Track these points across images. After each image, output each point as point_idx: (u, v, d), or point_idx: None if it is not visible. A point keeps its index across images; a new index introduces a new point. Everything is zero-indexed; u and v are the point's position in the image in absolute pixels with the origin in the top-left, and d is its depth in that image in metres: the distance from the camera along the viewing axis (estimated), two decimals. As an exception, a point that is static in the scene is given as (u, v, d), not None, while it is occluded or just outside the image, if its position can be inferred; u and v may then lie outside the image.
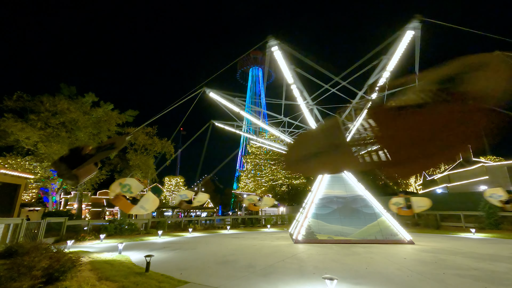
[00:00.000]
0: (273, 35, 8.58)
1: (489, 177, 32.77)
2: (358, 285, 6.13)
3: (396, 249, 11.17)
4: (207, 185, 78.83)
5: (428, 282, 6.36)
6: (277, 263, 8.60)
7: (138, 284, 6.10)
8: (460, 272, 7.22)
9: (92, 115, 24.42)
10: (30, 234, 12.38)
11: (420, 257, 9.54)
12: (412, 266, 8.08)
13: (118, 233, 17.06)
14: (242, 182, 53.10)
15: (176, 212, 40.59)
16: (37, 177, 24.05)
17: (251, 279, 6.71)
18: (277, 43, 8.79)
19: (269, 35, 8.56)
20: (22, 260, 5.73)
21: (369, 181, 43.25)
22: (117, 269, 7.54)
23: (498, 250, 10.68)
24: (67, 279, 6.03)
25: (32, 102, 22.02)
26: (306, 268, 7.84)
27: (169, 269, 7.64)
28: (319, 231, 13.63)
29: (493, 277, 6.77)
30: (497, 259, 8.91)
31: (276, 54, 9.25)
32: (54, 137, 21.96)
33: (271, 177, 47.31)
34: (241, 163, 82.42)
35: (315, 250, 10.98)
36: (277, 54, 9.26)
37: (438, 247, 11.75)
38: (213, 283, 6.32)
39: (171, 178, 52.09)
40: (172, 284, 6.18)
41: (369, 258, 9.25)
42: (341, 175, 16.31)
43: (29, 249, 6.67)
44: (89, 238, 14.85)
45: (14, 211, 15.35)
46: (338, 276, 5.70)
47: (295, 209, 31.07)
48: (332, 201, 14.87)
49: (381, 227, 13.41)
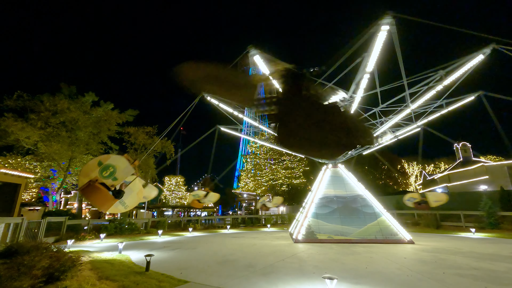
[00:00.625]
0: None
1: (489, 177, 32.77)
2: (358, 285, 6.14)
3: (396, 249, 11.17)
4: (207, 184, 78.90)
5: (428, 282, 6.36)
6: (277, 262, 8.60)
7: (138, 283, 6.11)
8: (460, 272, 7.22)
9: (92, 114, 24.39)
10: (30, 233, 12.38)
11: (420, 256, 9.54)
12: (412, 265, 8.09)
13: (118, 232, 17.07)
14: (242, 181, 53.10)
15: (176, 212, 40.63)
16: (37, 177, 24.05)
17: (251, 278, 6.72)
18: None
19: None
20: (22, 260, 5.74)
21: (369, 180, 43.29)
22: (117, 269, 7.54)
23: (498, 250, 10.68)
24: (67, 278, 6.03)
25: (32, 102, 22.01)
26: (306, 268, 7.85)
27: (169, 269, 7.65)
28: (319, 231, 13.63)
29: (493, 276, 6.77)
30: (497, 259, 8.91)
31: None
32: (54, 136, 21.95)
33: (271, 176, 47.31)
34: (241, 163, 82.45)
35: (315, 250, 10.99)
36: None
37: (438, 246, 11.76)
38: (213, 282, 6.33)
39: (171, 177, 52.09)
40: (172, 284, 6.19)
41: (369, 258, 9.26)
42: (341, 175, 16.33)
43: (29, 249, 6.67)
44: (89, 238, 14.87)
45: (14, 210, 15.35)
46: (338, 275, 5.71)
47: (295, 208, 31.07)
48: (332, 201, 14.88)
49: (381, 227, 13.42)
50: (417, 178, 56.87)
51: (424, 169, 57.28)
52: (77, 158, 23.48)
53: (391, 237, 12.96)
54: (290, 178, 46.35)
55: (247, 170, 52.56)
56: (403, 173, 57.53)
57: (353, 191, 15.30)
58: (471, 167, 35.67)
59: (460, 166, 38.38)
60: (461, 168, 37.53)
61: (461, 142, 40.86)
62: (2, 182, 14.66)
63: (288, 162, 47.27)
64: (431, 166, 58.61)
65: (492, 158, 51.02)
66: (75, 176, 25.07)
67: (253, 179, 49.59)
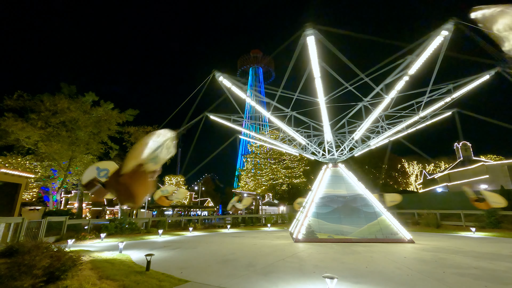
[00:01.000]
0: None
1: (490, 176, 32.77)
2: (358, 284, 6.14)
3: (396, 248, 11.18)
4: (208, 184, 78.92)
5: (428, 281, 6.37)
6: (278, 262, 8.61)
7: (139, 283, 6.11)
8: (460, 271, 7.23)
9: (92, 114, 24.37)
10: (31, 233, 12.41)
11: (420, 256, 9.55)
12: (412, 265, 8.09)
13: (118, 232, 17.09)
14: (242, 181, 53.11)
15: (176, 211, 40.66)
16: (37, 176, 24.08)
17: (251, 278, 6.72)
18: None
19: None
20: (23, 259, 5.74)
21: (369, 180, 43.28)
22: (117, 268, 7.55)
23: (498, 249, 10.69)
24: (68, 278, 6.04)
25: (32, 101, 22.00)
26: (306, 267, 7.86)
27: (169, 268, 7.65)
28: (319, 230, 13.64)
29: (493, 276, 6.77)
30: (497, 258, 8.91)
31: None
32: (54, 136, 21.96)
33: (271, 176, 47.32)
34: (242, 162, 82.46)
35: (316, 249, 11.00)
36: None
37: (438, 246, 11.76)
38: (214, 282, 6.34)
39: (172, 177, 52.10)
40: (173, 283, 6.20)
41: (369, 257, 9.26)
42: (342, 174, 16.33)
43: (30, 248, 6.66)
44: (90, 237, 14.89)
45: (14, 210, 15.36)
46: (338, 275, 5.71)
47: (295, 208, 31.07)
48: (333, 200, 14.88)
49: (381, 226, 13.42)
50: (417, 177, 56.90)
51: (424, 168, 57.30)
52: (77, 158, 23.51)
53: (391, 236, 12.97)
54: (290, 177, 46.36)
55: (248, 169, 52.57)
56: (403, 172, 57.57)
57: (353, 191, 15.31)
58: (472, 167, 35.67)
59: (461, 166, 38.38)
60: (461, 168, 37.52)
61: (462, 142, 40.83)
62: (2, 182, 14.67)
63: (288, 162, 47.27)
64: (431, 166, 58.62)
65: (492, 157, 51.00)
66: (75, 176, 25.10)
67: (253, 179, 49.61)
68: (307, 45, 8.94)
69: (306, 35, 8.58)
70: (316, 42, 8.85)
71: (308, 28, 8.35)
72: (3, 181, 14.73)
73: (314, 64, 9.61)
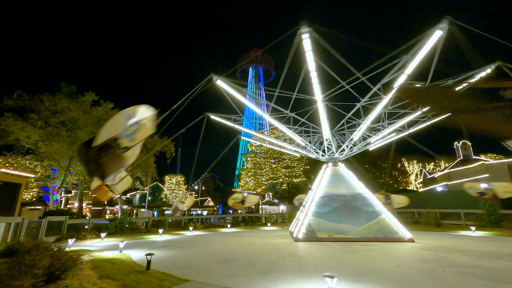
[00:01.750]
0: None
1: (489, 175, 32.75)
2: (358, 283, 6.15)
3: (396, 247, 11.19)
4: (208, 183, 78.92)
5: (428, 280, 6.38)
6: (278, 261, 8.62)
7: (139, 282, 6.12)
8: (460, 270, 7.23)
9: (92, 114, 24.38)
10: (31, 233, 12.41)
11: (420, 255, 9.56)
12: (412, 264, 8.10)
13: (119, 231, 17.10)
14: (242, 180, 53.11)
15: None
16: (37, 176, 24.11)
17: (251, 277, 6.73)
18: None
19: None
20: (23, 259, 5.75)
21: (369, 179, 43.27)
22: (118, 268, 7.56)
23: (498, 248, 10.70)
24: (68, 277, 6.04)
25: (32, 101, 22.01)
26: (306, 266, 7.86)
27: (169, 267, 7.66)
28: (319, 229, 13.65)
29: (493, 274, 6.78)
30: (497, 257, 8.92)
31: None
32: (54, 136, 21.98)
33: (271, 175, 47.33)
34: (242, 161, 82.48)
35: (316, 248, 11.01)
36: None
37: (438, 245, 11.78)
38: (214, 281, 6.34)
39: (172, 176, 52.11)
40: (173, 282, 6.20)
41: (369, 256, 9.27)
42: (341, 173, 16.33)
43: (30, 248, 6.68)
44: (90, 237, 14.89)
45: (15, 210, 15.37)
46: (338, 274, 5.72)
47: (296, 207, 31.11)
48: (333, 199, 14.89)
49: (381, 225, 13.43)
50: (417, 176, 56.92)
51: (424, 167, 57.31)
52: (77, 158, 23.51)
53: (391, 235, 12.98)
54: (290, 177, 46.35)
55: (248, 169, 52.57)
56: (403, 171, 57.57)
57: (353, 190, 15.31)
58: (471, 166, 35.66)
59: (460, 165, 38.36)
60: (461, 167, 37.51)
61: (461, 141, 40.82)
62: (2, 181, 14.68)
63: (288, 161, 47.27)
64: (431, 165, 58.63)
65: (492, 156, 51.00)
66: (75, 176, 25.10)
67: (253, 178, 49.61)
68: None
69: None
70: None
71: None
72: (3, 181, 14.74)
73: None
